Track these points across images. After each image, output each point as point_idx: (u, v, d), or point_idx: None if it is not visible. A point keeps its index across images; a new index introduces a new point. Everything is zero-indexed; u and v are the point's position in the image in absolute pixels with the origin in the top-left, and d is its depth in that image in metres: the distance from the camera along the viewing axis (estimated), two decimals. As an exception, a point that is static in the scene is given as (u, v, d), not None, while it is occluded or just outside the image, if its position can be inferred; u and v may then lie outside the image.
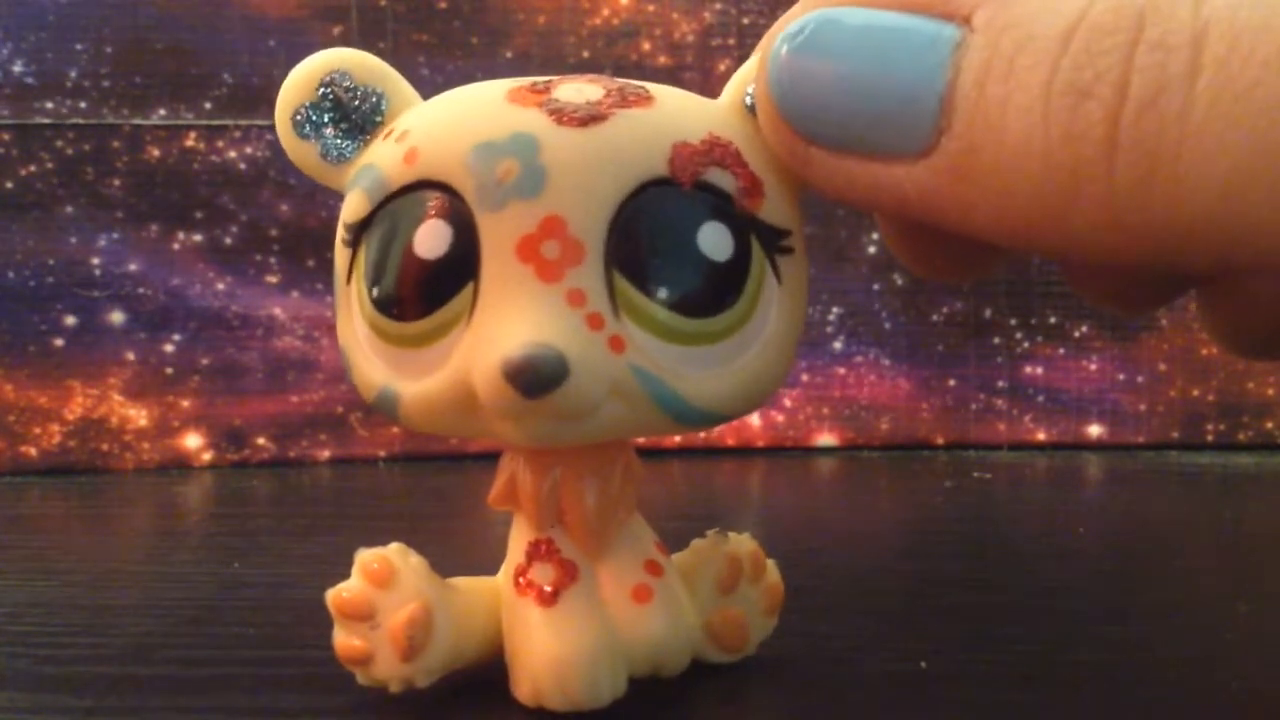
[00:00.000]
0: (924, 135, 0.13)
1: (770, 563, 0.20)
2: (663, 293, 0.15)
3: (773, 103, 0.15)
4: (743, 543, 0.19)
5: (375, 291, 0.16)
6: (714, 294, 0.16)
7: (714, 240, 0.16)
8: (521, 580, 0.17)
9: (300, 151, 0.17)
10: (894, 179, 0.14)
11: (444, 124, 0.16)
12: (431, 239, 0.15)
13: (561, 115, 0.15)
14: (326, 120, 0.17)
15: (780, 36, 0.14)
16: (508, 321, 0.15)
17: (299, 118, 0.17)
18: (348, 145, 0.17)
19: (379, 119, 0.17)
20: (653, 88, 0.17)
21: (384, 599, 0.17)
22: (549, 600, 0.17)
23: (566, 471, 0.17)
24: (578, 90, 0.16)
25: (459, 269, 0.15)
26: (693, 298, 0.16)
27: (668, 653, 0.18)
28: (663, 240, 0.16)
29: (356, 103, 0.17)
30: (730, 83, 0.17)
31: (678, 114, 0.16)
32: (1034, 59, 0.12)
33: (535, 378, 0.14)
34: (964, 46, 0.13)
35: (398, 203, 0.16)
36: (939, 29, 0.13)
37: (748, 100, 0.17)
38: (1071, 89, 0.12)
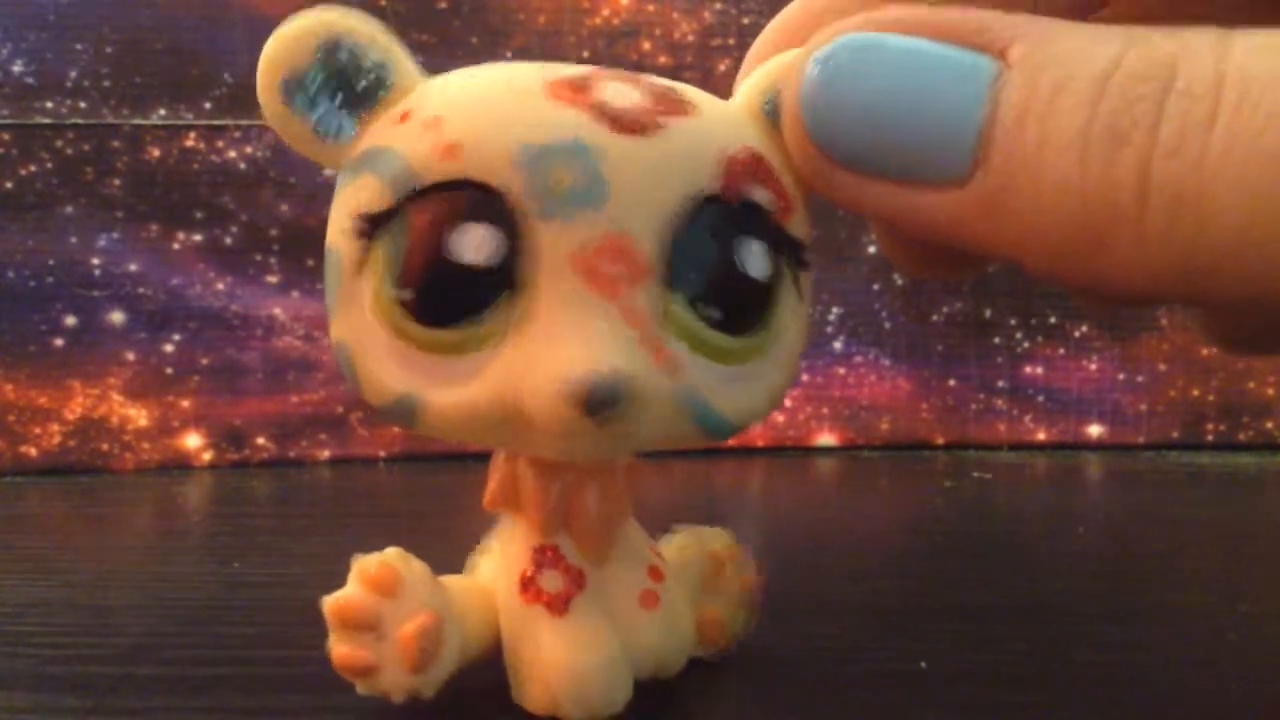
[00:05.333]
0: (959, 166, 0.13)
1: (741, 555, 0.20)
2: (711, 311, 0.15)
3: (802, 123, 0.15)
4: (720, 538, 0.20)
5: (402, 293, 0.15)
6: (755, 312, 0.16)
7: (757, 259, 0.15)
8: (530, 589, 0.17)
9: (289, 122, 0.15)
10: (922, 205, 0.14)
11: (487, 119, 0.15)
12: (476, 243, 0.14)
13: (618, 122, 0.15)
14: (323, 90, 0.15)
15: (813, 58, 0.14)
16: (567, 338, 0.14)
17: (290, 84, 0.15)
18: (348, 121, 0.16)
19: (383, 94, 0.16)
20: (687, 91, 0.16)
21: (389, 608, 0.16)
22: (561, 609, 0.17)
23: (570, 477, 0.17)
24: (620, 91, 0.15)
25: (505, 276, 0.15)
26: (737, 316, 0.15)
27: (671, 655, 0.18)
28: (713, 259, 0.15)
29: (359, 75, 0.15)
30: (744, 87, 0.17)
31: (718, 124, 0.16)
32: (1073, 101, 0.12)
33: (600, 399, 0.14)
34: (1001, 81, 0.13)
35: (432, 199, 0.15)
36: (975, 60, 0.13)
37: (766, 109, 0.16)
38: (1109, 134, 0.12)
